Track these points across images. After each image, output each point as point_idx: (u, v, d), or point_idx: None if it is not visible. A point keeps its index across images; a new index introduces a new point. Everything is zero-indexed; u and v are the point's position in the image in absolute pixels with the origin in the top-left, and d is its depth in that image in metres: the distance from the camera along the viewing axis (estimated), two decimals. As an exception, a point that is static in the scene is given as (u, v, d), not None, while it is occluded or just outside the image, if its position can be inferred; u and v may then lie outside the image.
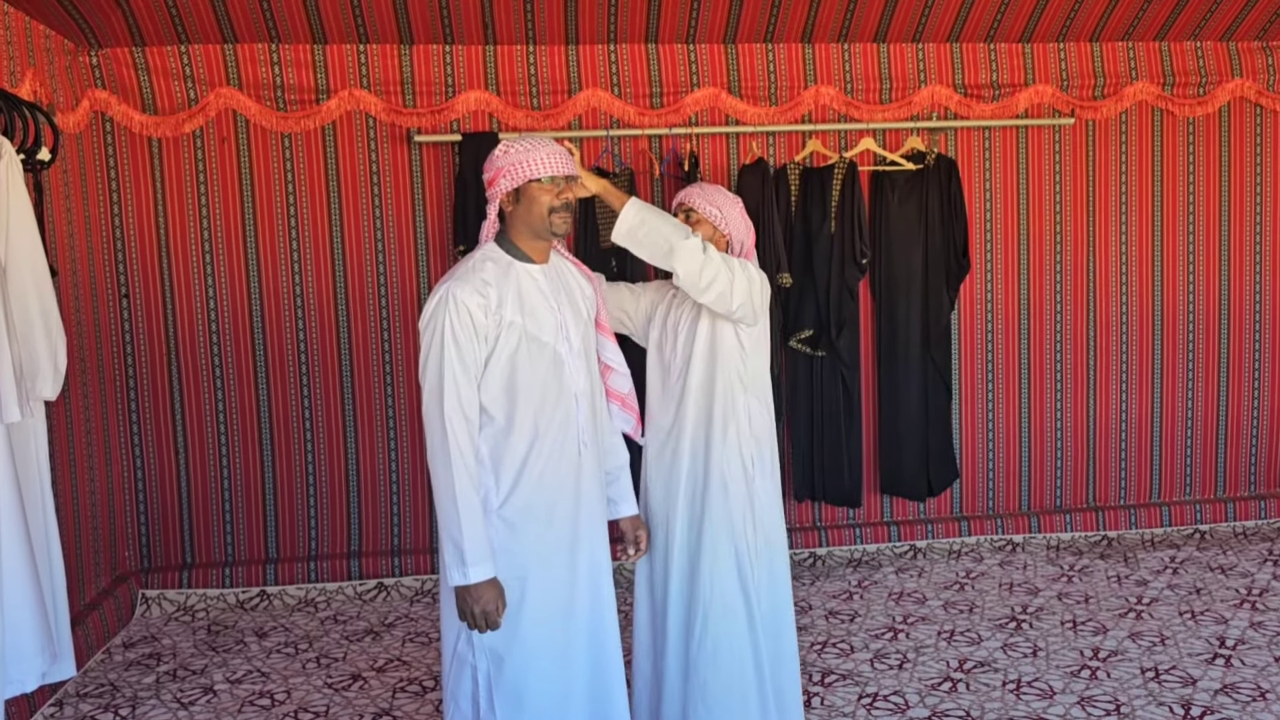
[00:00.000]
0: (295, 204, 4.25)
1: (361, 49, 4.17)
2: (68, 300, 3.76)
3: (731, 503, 2.70)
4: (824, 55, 4.42)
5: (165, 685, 3.52)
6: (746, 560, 2.70)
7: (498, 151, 2.29)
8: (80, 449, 3.85)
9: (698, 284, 2.49)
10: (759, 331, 2.72)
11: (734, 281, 2.53)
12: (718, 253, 2.53)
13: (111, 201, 4.15)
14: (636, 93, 4.32)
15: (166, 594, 4.22)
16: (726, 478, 2.70)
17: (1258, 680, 3.27)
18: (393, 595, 4.31)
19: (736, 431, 2.70)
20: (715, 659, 2.67)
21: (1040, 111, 4.58)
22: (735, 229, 2.75)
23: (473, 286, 2.21)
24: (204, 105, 4.12)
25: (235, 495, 4.35)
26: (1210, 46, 4.63)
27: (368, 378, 4.35)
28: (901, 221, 4.41)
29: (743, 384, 2.70)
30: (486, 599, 2.17)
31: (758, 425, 2.74)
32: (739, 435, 2.70)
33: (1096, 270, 4.73)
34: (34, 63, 3.58)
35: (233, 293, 4.26)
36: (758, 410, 2.74)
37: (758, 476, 2.73)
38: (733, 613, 2.69)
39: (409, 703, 3.33)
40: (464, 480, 2.17)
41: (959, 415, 4.71)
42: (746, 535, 2.70)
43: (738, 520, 2.70)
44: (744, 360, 2.70)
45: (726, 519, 2.69)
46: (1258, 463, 4.96)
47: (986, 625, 3.80)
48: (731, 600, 2.69)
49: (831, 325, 4.31)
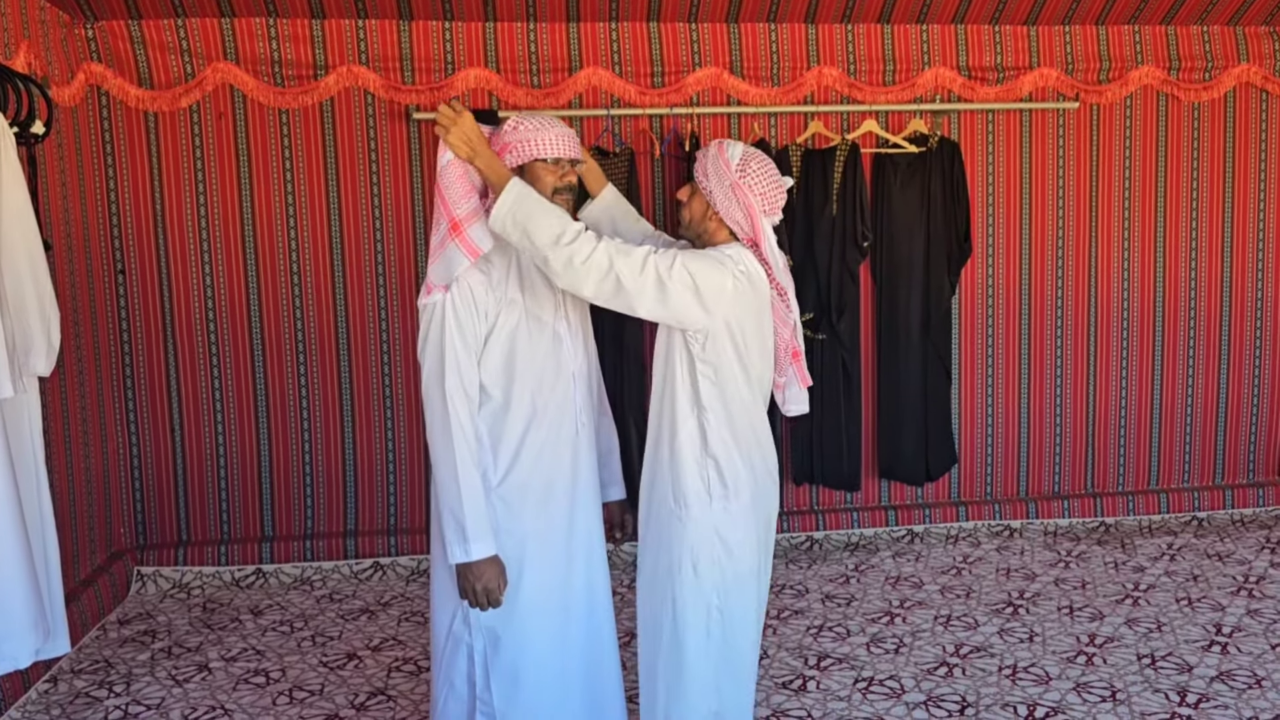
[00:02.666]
0: (292, 180, 4.21)
1: (360, 24, 4.13)
2: (62, 275, 3.73)
3: (666, 531, 2.32)
4: (827, 35, 4.37)
5: (160, 662, 3.52)
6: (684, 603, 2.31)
7: (507, 126, 2.25)
8: (75, 425, 3.83)
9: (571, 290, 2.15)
10: (727, 343, 2.22)
11: (618, 293, 2.11)
12: (603, 257, 2.09)
13: (107, 176, 4.11)
14: (638, 71, 4.28)
15: (162, 571, 4.21)
16: (669, 499, 2.31)
17: (1254, 667, 3.27)
18: (388, 574, 4.30)
19: (690, 450, 2.28)
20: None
21: (1044, 95, 4.54)
22: (720, 204, 2.26)
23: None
24: (201, 80, 4.07)
25: (231, 473, 4.33)
26: (1217, 31, 4.58)
27: (365, 356, 4.33)
28: (903, 204, 4.38)
29: (694, 399, 2.25)
30: (488, 576, 2.16)
31: (717, 448, 2.27)
32: (692, 455, 2.27)
33: (1098, 256, 4.71)
34: (29, 35, 3.54)
35: (229, 269, 4.23)
36: (717, 429, 2.26)
37: (714, 501, 2.29)
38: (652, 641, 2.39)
39: (404, 682, 3.33)
40: (465, 457, 2.16)
41: (958, 400, 4.69)
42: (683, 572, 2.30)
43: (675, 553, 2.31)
44: (696, 372, 2.24)
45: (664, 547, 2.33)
46: (1256, 450, 4.95)
47: (983, 610, 3.80)
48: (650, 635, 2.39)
49: (832, 308, 4.29)
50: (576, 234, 2.08)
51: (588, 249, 2.07)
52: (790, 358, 2.31)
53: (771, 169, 2.28)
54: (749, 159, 2.25)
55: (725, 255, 2.21)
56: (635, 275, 2.09)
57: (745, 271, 2.21)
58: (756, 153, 2.27)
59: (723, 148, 2.28)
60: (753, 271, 2.24)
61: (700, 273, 2.14)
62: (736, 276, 2.18)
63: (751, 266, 2.24)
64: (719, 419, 2.26)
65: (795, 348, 2.31)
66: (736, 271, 2.19)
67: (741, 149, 2.27)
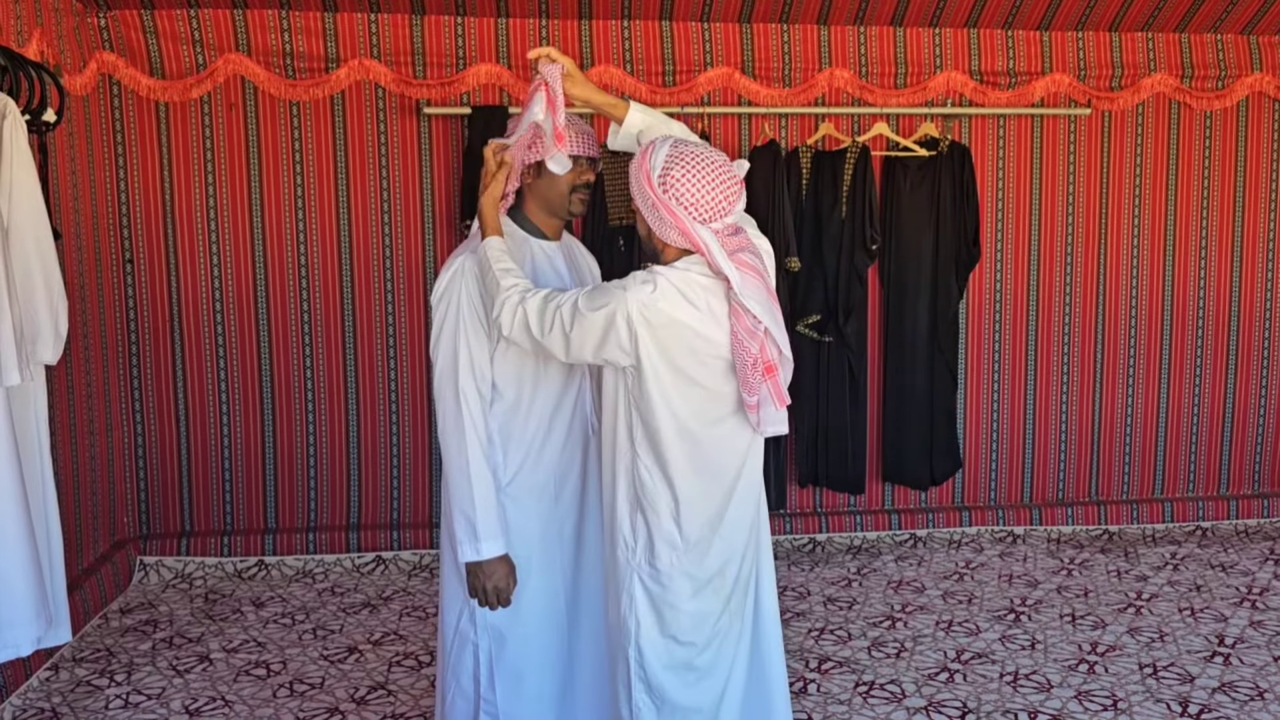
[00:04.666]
0: (302, 173, 4.21)
1: (373, 18, 4.13)
2: (71, 264, 3.73)
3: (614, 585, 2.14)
4: (839, 37, 4.36)
5: (161, 652, 3.52)
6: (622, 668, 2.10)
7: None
8: (81, 414, 3.84)
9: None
10: (655, 380, 1.99)
11: (541, 352, 2.06)
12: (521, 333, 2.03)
13: (117, 165, 4.12)
14: (649, 70, 4.27)
15: (165, 561, 4.22)
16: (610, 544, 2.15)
17: (1256, 679, 3.26)
18: (391, 569, 4.30)
19: (626, 494, 2.09)
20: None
21: (1056, 101, 4.52)
22: (652, 224, 2.00)
23: None
24: (212, 71, 4.07)
25: (236, 464, 4.34)
26: (1231, 39, 4.57)
27: (371, 350, 4.33)
28: (913, 208, 4.37)
29: (630, 436, 2.06)
30: (499, 575, 2.15)
31: (654, 496, 2.05)
32: (627, 499, 2.09)
33: (1106, 263, 4.69)
34: (41, 23, 3.54)
35: (237, 261, 4.23)
36: (649, 476, 2.05)
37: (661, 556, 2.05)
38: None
39: (404, 676, 3.33)
40: (478, 455, 2.15)
41: (963, 404, 4.68)
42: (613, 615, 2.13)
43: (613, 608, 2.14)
44: (628, 404, 2.04)
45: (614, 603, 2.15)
46: (1262, 461, 4.94)
47: (985, 616, 3.79)
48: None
49: (839, 311, 4.28)
50: (500, 306, 2.03)
51: (507, 321, 2.03)
52: (763, 374, 1.97)
53: (703, 168, 1.95)
54: (672, 165, 1.94)
55: (635, 286, 1.94)
56: (544, 336, 2.01)
57: (649, 303, 1.93)
58: (685, 153, 1.96)
59: (644, 157, 1.98)
60: (678, 295, 1.95)
61: (590, 317, 1.95)
62: (633, 314, 1.93)
63: (685, 289, 1.95)
64: (649, 459, 2.05)
65: (768, 363, 1.97)
66: (636, 306, 1.93)
67: (666, 153, 1.96)
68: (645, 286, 1.94)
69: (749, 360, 1.97)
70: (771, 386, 1.99)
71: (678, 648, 2.06)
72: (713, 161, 1.97)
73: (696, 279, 1.97)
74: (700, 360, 2.00)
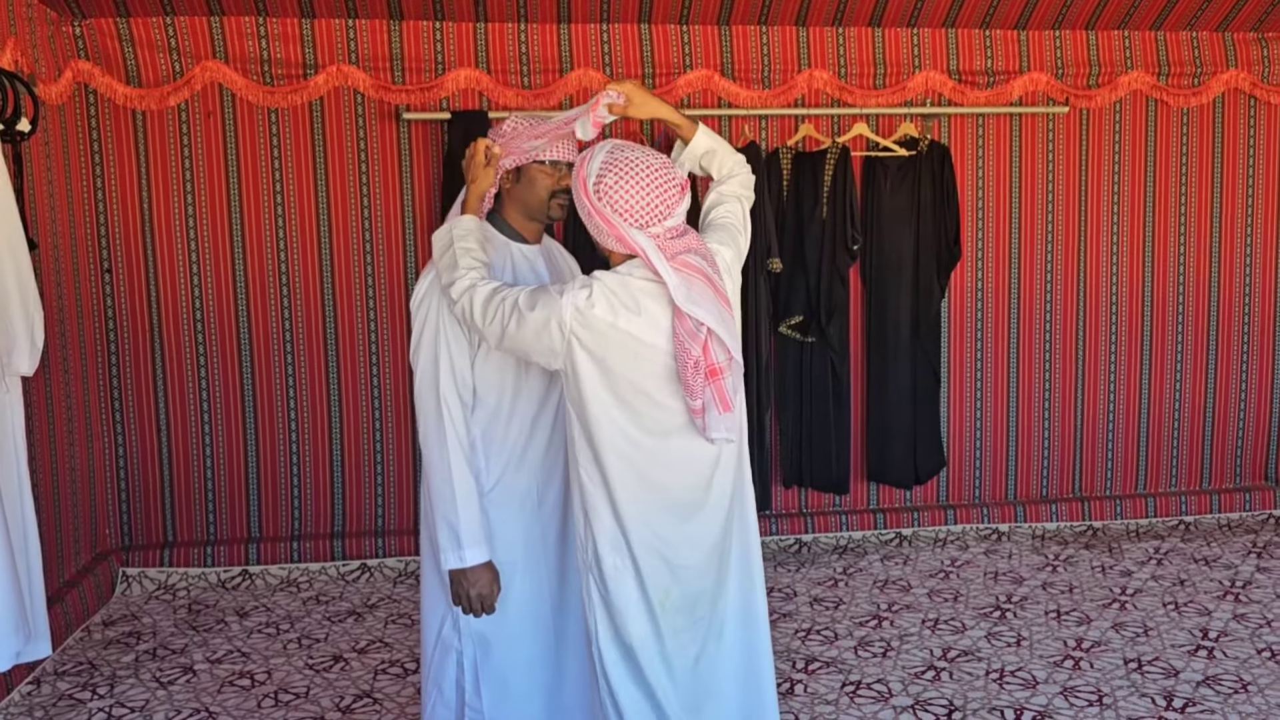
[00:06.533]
0: (281, 180, 4.19)
1: (350, 24, 4.11)
2: (48, 275, 3.71)
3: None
4: (818, 39, 4.37)
5: (144, 664, 3.49)
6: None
7: (506, 126, 2.21)
8: (60, 425, 3.81)
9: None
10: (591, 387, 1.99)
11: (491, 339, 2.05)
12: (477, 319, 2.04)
13: (94, 175, 4.09)
14: (629, 73, 4.27)
15: (147, 572, 4.19)
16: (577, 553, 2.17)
17: (1240, 672, 3.28)
18: (375, 576, 4.28)
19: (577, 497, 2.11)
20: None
21: (1034, 99, 4.55)
22: (592, 232, 2.02)
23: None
24: (189, 78, 4.05)
25: (218, 474, 4.31)
26: (1206, 37, 4.60)
27: (353, 356, 4.31)
28: (893, 208, 4.39)
29: (575, 442, 2.07)
30: (482, 582, 2.14)
31: (591, 502, 2.05)
32: (579, 503, 2.10)
33: (1087, 260, 4.72)
34: (15, 31, 3.51)
35: (217, 269, 4.20)
36: (589, 480, 2.05)
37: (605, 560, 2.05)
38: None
39: (390, 684, 3.31)
40: (460, 462, 2.14)
41: (947, 403, 4.70)
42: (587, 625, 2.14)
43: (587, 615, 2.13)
44: (569, 410, 2.07)
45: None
46: (1243, 455, 4.97)
47: (971, 614, 3.80)
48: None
49: (822, 311, 4.29)
50: (453, 283, 2.07)
51: (455, 299, 2.06)
52: (705, 378, 1.94)
53: (637, 173, 1.94)
54: (605, 172, 1.94)
55: (572, 291, 1.95)
56: (485, 325, 2.02)
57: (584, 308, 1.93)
58: (619, 159, 1.96)
59: (582, 166, 1.99)
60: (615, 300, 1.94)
61: (527, 316, 1.96)
62: (566, 319, 1.93)
63: (623, 293, 1.95)
64: (590, 465, 2.04)
65: (712, 366, 1.94)
66: (570, 311, 1.93)
67: (601, 160, 1.96)
68: (582, 292, 1.94)
69: (689, 362, 1.93)
70: (715, 390, 1.96)
71: (629, 651, 2.06)
72: (649, 165, 1.96)
73: (636, 283, 1.96)
74: (644, 368, 1.98)
